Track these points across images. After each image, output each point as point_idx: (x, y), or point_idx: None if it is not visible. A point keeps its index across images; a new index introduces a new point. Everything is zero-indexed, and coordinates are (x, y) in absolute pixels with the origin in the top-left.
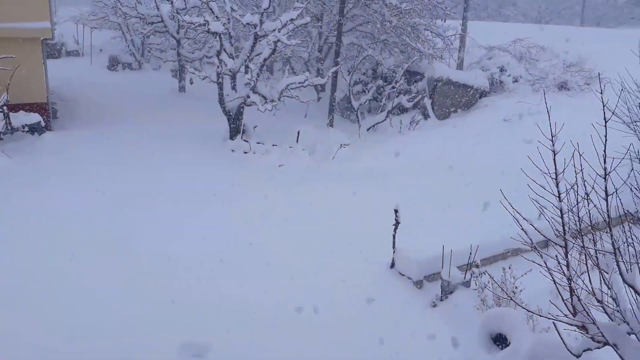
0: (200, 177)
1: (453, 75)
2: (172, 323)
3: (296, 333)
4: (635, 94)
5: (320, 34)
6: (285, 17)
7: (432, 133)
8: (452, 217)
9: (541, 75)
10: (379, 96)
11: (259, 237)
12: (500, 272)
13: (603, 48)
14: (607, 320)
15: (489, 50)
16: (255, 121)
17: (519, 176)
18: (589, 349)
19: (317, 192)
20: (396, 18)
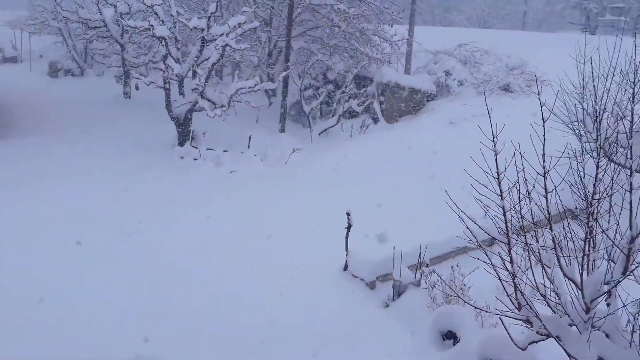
0: (146, 186)
1: (401, 80)
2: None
3: (250, 342)
4: (573, 95)
5: (269, 38)
6: (233, 21)
7: (382, 136)
8: (403, 217)
9: (485, 78)
10: (329, 101)
11: (208, 244)
12: (449, 270)
13: (543, 51)
14: (550, 313)
15: (435, 54)
16: (204, 127)
17: (465, 176)
18: (534, 341)
19: (269, 198)
20: (345, 23)
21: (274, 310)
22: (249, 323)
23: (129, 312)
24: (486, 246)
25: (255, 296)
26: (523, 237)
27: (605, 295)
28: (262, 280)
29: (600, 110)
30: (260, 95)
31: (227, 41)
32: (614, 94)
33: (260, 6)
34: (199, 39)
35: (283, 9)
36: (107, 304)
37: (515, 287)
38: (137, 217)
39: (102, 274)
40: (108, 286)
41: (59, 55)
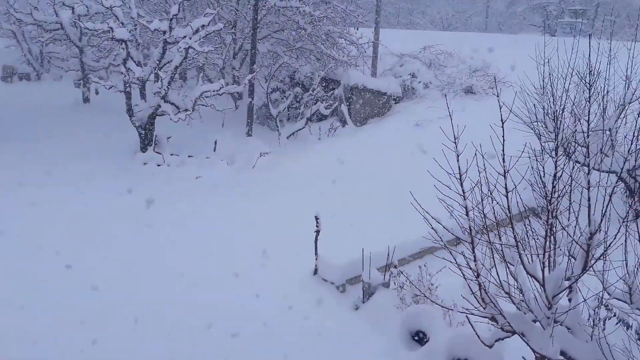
0: (108, 194)
1: (368, 83)
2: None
3: (218, 350)
4: (533, 96)
5: (234, 41)
6: (196, 23)
7: (350, 139)
8: (372, 219)
9: (449, 80)
10: (297, 103)
11: (174, 251)
12: (417, 270)
13: (505, 53)
14: (514, 310)
15: (400, 57)
16: (168, 132)
17: (431, 177)
18: (500, 338)
19: (236, 203)
20: (310, 25)
21: (243, 316)
22: (214, 330)
23: (89, 315)
24: (453, 245)
25: (222, 303)
26: (486, 235)
27: (566, 290)
28: (229, 287)
29: (559, 111)
30: (225, 98)
31: (190, 43)
32: (572, 94)
33: (224, 8)
34: (161, 42)
35: (248, 11)
36: (69, 307)
37: (480, 285)
38: (99, 227)
39: (62, 283)
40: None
41: (13, 59)
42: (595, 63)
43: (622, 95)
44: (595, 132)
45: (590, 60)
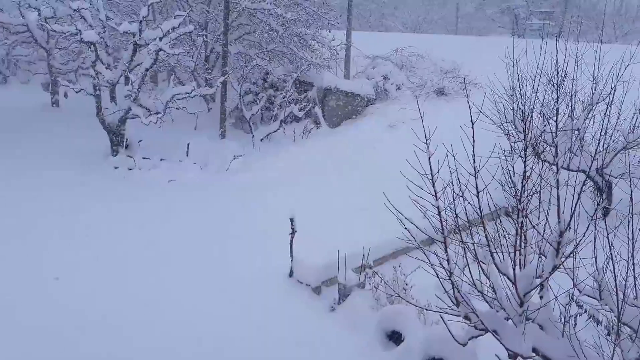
0: (79, 199)
1: (341, 84)
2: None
3: (195, 353)
4: (503, 97)
5: (206, 43)
6: (166, 25)
7: (324, 140)
8: (347, 220)
9: (421, 82)
10: (270, 106)
11: (147, 255)
12: (392, 271)
13: (475, 55)
14: (487, 308)
15: (372, 59)
16: (140, 135)
17: (405, 178)
18: (474, 336)
19: (210, 206)
20: (282, 28)
21: (218, 320)
22: (189, 334)
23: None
24: (427, 245)
25: (198, 306)
26: (459, 235)
27: (537, 288)
28: (203, 291)
29: (528, 111)
30: (198, 101)
31: (160, 46)
32: (541, 95)
33: (195, 10)
34: (131, 44)
35: (219, 13)
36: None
37: (453, 284)
38: (68, 232)
39: (32, 292)
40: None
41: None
42: (563, 64)
43: (589, 96)
44: (564, 131)
45: (557, 61)
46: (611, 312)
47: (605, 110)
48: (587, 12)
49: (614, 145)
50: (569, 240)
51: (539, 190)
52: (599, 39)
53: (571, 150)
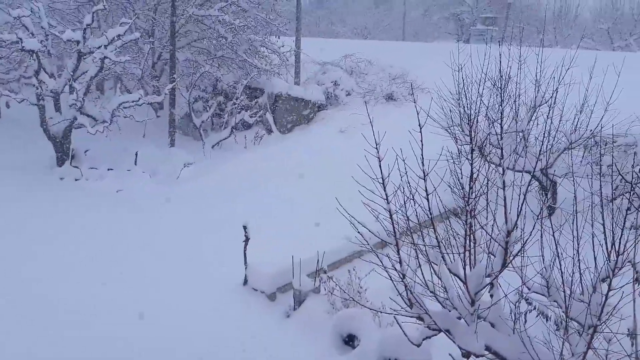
0: (21, 210)
1: (291, 91)
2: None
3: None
4: (450, 101)
5: (153, 50)
6: (111, 32)
7: (276, 147)
8: (301, 225)
9: (370, 88)
10: (221, 112)
11: (98, 267)
12: (347, 274)
13: (422, 61)
14: (440, 308)
15: (322, 65)
16: (86, 145)
17: (355, 183)
18: (428, 337)
19: (160, 215)
20: (231, 34)
21: (170, 333)
22: (143, 345)
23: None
24: (381, 248)
25: (148, 320)
26: (410, 237)
27: (487, 287)
28: (153, 304)
29: (474, 115)
30: (146, 109)
31: (105, 53)
32: (486, 99)
33: (141, 17)
34: (75, 52)
35: (165, 20)
36: None
37: (406, 286)
38: (12, 246)
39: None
40: None
41: None
42: (507, 68)
43: (532, 99)
44: (508, 133)
45: (501, 65)
46: (559, 308)
47: (548, 112)
48: (529, 18)
49: (558, 145)
50: (517, 239)
51: (486, 192)
52: (540, 43)
53: (516, 151)
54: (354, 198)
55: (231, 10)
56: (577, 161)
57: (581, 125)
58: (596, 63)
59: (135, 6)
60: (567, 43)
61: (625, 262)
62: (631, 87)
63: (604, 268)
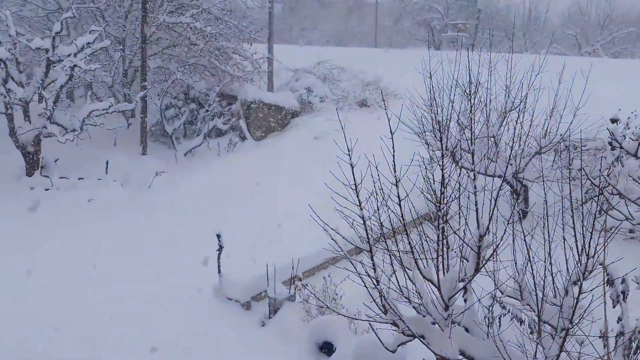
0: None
1: (265, 97)
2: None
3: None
4: (422, 107)
5: (123, 58)
6: (81, 40)
7: (250, 154)
8: (275, 233)
9: (344, 94)
10: (193, 120)
11: (70, 277)
12: (322, 281)
13: (395, 67)
14: (415, 314)
15: (295, 72)
16: (56, 154)
17: (332, 188)
18: (403, 343)
19: (132, 225)
20: (203, 41)
21: (143, 342)
22: (111, 355)
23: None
24: (355, 254)
25: (120, 328)
26: (384, 243)
27: (461, 291)
28: (130, 312)
29: (445, 121)
30: (117, 117)
31: (75, 62)
32: (458, 105)
33: (112, 24)
34: (44, 61)
35: (136, 27)
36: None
37: (380, 292)
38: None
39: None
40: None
41: None
42: (477, 74)
43: (503, 104)
44: (480, 139)
45: (470, 71)
46: (532, 312)
47: (517, 118)
48: (499, 25)
49: (528, 150)
50: (489, 243)
51: (458, 197)
52: (510, 49)
53: (488, 156)
54: (328, 204)
55: (203, 17)
56: (548, 165)
57: (551, 130)
58: (565, 68)
59: (106, 14)
60: (536, 48)
61: (595, 264)
62: (599, 91)
63: (575, 271)
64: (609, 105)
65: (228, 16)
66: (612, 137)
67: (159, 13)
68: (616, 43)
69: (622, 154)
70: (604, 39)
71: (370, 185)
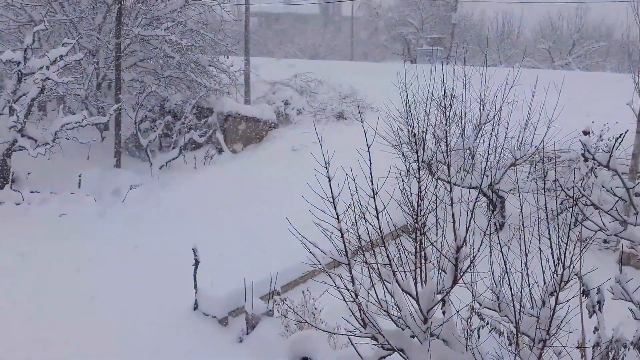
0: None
1: (242, 110)
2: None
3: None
4: (398, 120)
5: (97, 70)
6: (54, 53)
7: (226, 166)
8: (252, 247)
9: (321, 107)
10: (169, 132)
11: (39, 296)
12: (301, 295)
13: (371, 80)
14: (394, 327)
15: (272, 85)
16: (28, 168)
17: (309, 201)
18: (383, 357)
19: (106, 240)
20: (178, 54)
21: (120, 359)
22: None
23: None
24: (334, 267)
25: (97, 344)
26: (362, 256)
27: (439, 304)
28: (102, 328)
29: (422, 133)
30: (91, 130)
31: (47, 74)
32: (433, 117)
33: (85, 37)
34: (15, 73)
35: (110, 40)
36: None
37: (359, 306)
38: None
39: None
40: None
41: None
42: (452, 87)
43: (478, 117)
44: (456, 151)
45: (444, 84)
46: (510, 323)
47: (492, 130)
48: (473, 38)
49: (504, 162)
50: (466, 255)
51: (435, 208)
52: (484, 62)
53: (464, 168)
54: (306, 217)
55: (178, 30)
56: (524, 177)
57: (525, 141)
58: (538, 81)
59: (79, 26)
60: (510, 62)
61: (571, 275)
62: (571, 104)
63: (552, 282)
64: (582, 117)
65: (204, 29)
66: (585, 149)
67: (133, 26)
68: (588, 56)
69: (595, 166)
70: (576, 52)
71: (348, 197)
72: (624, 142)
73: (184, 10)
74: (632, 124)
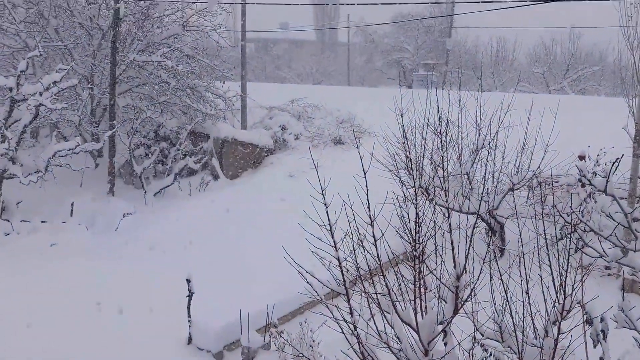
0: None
1: (238, 135)
2: None
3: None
4: (396, 145)
5: (92, 96)
6: (47, 79)
7: (222, 193)
8: (248, 277)
9: (318, 132)
10: (164, 159)
11: (26, 327)
12: (298, 327)
13: (368, 105)
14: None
15: (269, 110)
16: (19, 196)
17: (307, 229)
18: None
19: (97, 270)
20: (174, 80)
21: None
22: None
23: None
24: (332, 298)
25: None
26: (361, 285)
27: (441, 335)
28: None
29: (419, 159)
30: (84, 157)
31: (41, 101)
32: (430, 142)
33: (80, 63)
34: (8, 99)
35: (105, 66)
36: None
37: (358, 338)
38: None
39: None
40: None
41: None
42: (448, 113)
43: (474, 142)
44: (453, 176)
45: (439, 110)
46: (514, 354)
47: (487, 155)
48: (468, 64)
49: (502, 187)
50: (466, 283)
51: (433, 235)
52: (479, 87)
53: (462, 193)
54: (303, 246)
55: (174, 56)
56: (522, 202)
57: (522, 166)
58: (533, 106)
59: (74, 52)
60: (505, 87)
61: (573, 303)
62: (568, 128)
63: (554, 311)
64: (579, 141)
65: (200, 55)
66: (581, 174)
67: (128, 51)
68: (582, 81)
69: (594, 190)
70: (571, 76)
71: (345, 224)
72: (621, 166)
73: (180, 37)
74: (628, 147)
